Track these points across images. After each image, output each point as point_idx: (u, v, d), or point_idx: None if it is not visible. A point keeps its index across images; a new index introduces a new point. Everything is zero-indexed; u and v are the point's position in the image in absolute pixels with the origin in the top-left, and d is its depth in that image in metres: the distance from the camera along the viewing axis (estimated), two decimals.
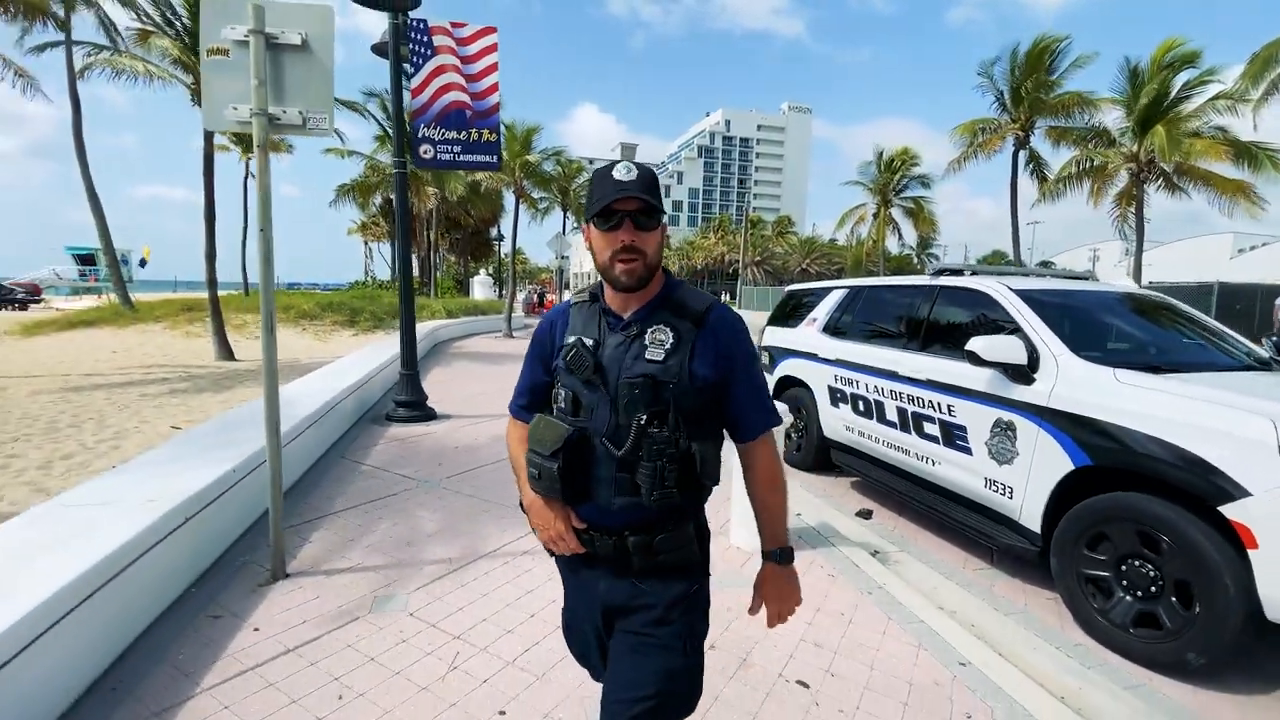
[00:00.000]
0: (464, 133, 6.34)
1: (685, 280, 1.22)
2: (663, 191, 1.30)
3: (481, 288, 30.27)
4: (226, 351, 12.03)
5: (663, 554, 1.27)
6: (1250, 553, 2.33)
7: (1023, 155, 19.70)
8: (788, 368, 5.63)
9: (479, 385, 9.08)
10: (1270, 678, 2.66)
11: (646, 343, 1.26)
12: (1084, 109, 17.56)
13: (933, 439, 3.92)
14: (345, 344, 15.80)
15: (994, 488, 3.45)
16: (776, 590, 1.38)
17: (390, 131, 18.16)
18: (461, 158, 6.41)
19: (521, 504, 1.40)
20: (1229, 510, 2.38)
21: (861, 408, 4.66)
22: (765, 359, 6.05)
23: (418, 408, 6.49)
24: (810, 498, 4.45)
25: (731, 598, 2.66)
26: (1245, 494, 2.34)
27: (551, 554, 1.40)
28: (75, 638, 2.06)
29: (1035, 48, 18.24)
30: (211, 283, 12.00)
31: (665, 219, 1.30)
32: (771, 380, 5.78)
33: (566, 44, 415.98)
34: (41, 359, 12.27)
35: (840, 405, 4.93)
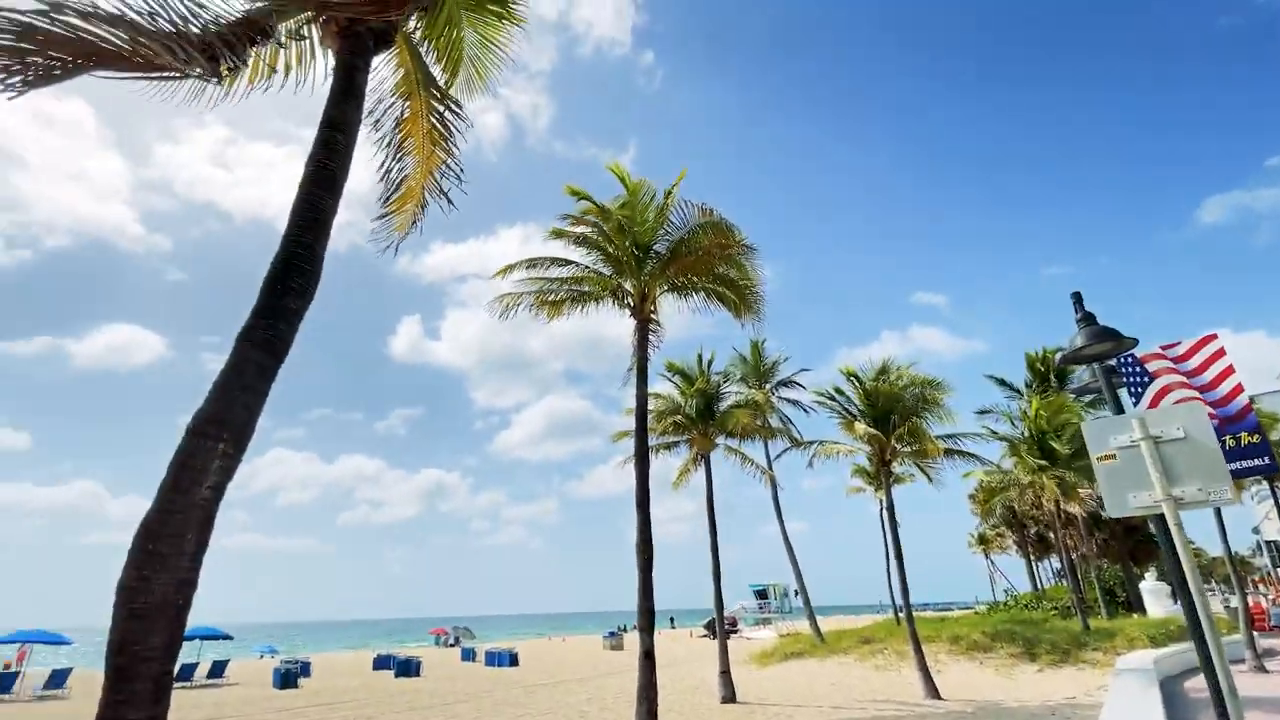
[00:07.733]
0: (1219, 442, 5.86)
1: None
2: None
3: (1154, 598, 23.52)
4: (932, 688, 12.38)
5: None
6: None
7: None
8: None
9: None
10: None
11: None
12: None
13: None
14: (1033, 682, 14.18)
15: None
16: None
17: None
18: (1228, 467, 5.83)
19: None
20: None
21: None
22: None
23: None
24: None
25: None
26: None
27: None
28: None
29: None
30: (909, 617, 13.20)
31: None
32: None
33: None
34: (780, 689, 15.24)
35: None
